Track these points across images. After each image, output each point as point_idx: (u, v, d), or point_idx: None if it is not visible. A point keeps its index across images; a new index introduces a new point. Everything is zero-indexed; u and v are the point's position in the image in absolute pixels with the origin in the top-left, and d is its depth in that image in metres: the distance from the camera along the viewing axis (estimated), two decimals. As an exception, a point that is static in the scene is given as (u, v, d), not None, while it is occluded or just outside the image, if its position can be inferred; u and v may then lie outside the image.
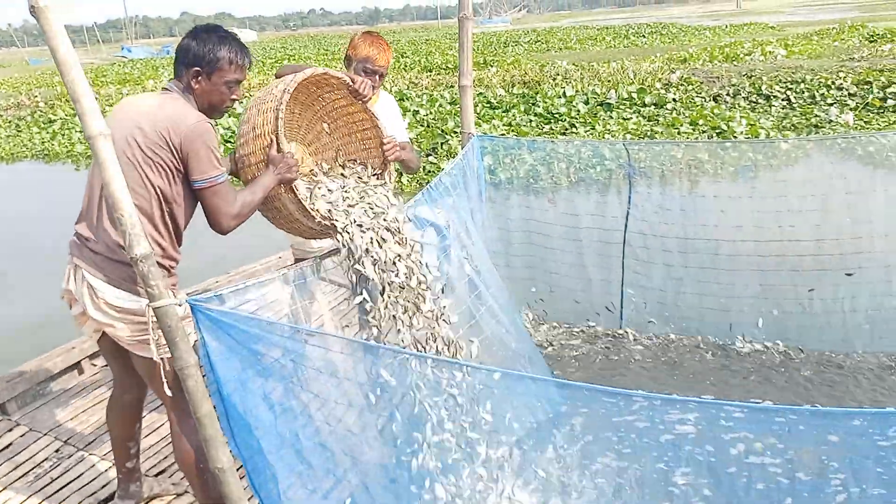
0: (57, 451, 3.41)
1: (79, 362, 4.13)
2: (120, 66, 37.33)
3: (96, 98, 1.80)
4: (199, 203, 2.45)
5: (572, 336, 4.64)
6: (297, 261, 3.37)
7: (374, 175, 2.94)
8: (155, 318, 1.91)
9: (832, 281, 4.15)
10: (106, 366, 4.19)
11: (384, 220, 2.65)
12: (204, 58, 2.43)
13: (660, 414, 1.95)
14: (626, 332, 4.58)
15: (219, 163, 2.37)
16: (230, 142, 11.82)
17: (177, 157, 2.33)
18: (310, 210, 2.54)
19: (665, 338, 4.50)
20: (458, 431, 2.31)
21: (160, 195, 2.35)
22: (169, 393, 2.27)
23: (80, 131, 16.49)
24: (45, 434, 3.55)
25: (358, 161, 2.99)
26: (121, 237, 1.86)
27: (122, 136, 2.27)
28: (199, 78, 2.45)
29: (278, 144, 2.46)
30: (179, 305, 1.91)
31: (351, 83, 2.77)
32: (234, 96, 2.53)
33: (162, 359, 2.15)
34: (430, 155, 10.71)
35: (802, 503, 1.82)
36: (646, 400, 1.94)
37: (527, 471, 2.27)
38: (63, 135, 16.04)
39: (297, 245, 3.47)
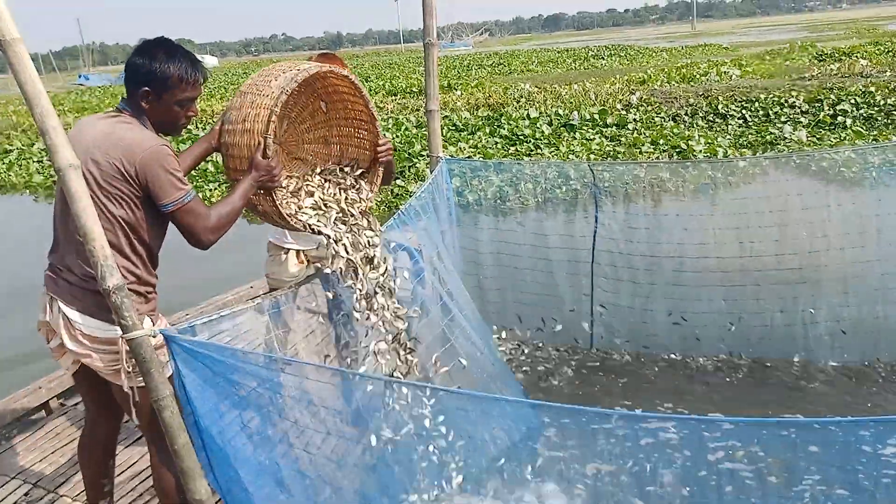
0: (26, 494, 3.31)
1: (46, 402, 4.03)
2: (78, 94, 36.77)
3: (56, 128, 1.78)
4: (168, 224, 2.38)
5: (544, 355, 4.68)
6: (271, 290, 3.37)
7: (360, 174, 2.93)
8: (128, 349, 1.90)
9: (792, 294, 4.27)
10: (75, 405, 4.10)
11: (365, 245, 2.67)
12: (152, 76, 2.30)
13: (632, 430, 1.99)
14: (597, 350, 4.64)
15: (181, 182, 2.28)
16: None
17: (135, 185, 2.24)
18: (287, 217, 2.54)
19: (635, 353, 4.57)
20: (437, 455, 2.32)
21: (124, 225, 2.28)
22: (138, 422, 2.22)
23: (39, 161, 16.16)
24: (14, 477, 3.44)
25: (345, 157, 2.98)
26: (93, 268, 1.85)
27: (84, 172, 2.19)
28: (150, 98, 2.33)
29: (264, 149, 2.40)
30: (153, 336, 1.90)
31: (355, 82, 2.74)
32: (189, 114, 2.43)
33: (132, 388, 2.12)
34: (398, 178, 10.75)
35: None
36: (617, 418, 1.98)
37: (505, 491, 2.29)
38: (20, 165, 15.72)
39: (274, 274, 3.46)
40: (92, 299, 2.27)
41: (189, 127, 16.76)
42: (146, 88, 2.32)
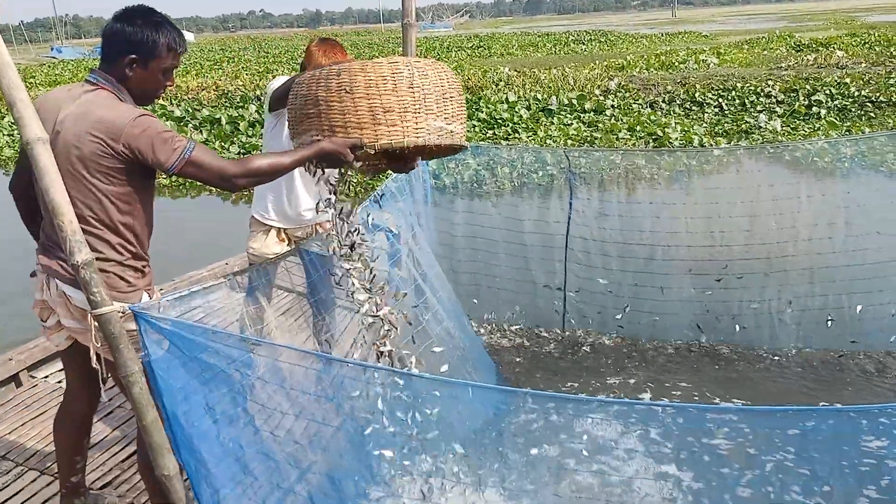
0: (-7, 466, 3.29)
1: (16, 374, 3.98)
2: (50, 66, 35.91)
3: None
4: (153, 197, 2.33)
5: (517, 338, 4.72)
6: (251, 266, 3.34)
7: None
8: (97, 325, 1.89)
9: (760, 284, 4.35)
10: (45, 377, 4.05)
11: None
12: (140, 44, 2.24)
13: (601, 415, 2.02)
14: (569, 334, 4.69)
15: (175, 139, 2.19)
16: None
17: (124, 158, 2.17)
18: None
19: (605, 338, 4.62)
20: (406, 439, 2.34)
21: (115, 201, 2.22)
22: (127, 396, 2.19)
23: (9, 135, 15.75)
24: (-19, 450, 3.42)
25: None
26: (62, 243, 1.82)
27: (60, 151, 2.12)
28: (135, 66, 2.26)
29: (356, 151, 2.30)
30: (122, 313, 1.89)
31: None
32: (168, 84, 2.37)
33: (101, 362, 2.10)
34: (374, 159, 10.71)
35: (735, 493, 1.92)
36: (584, 403, 2.02)
37: (473, 473, 2.31)
38: (-12, 138, 15.37)
39: (254, 251, 3.43)
40: None
41: (161, 101, 16.27)
42: (133, 56, 2.26)
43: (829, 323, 4.26)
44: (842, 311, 4.27)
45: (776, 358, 4.32)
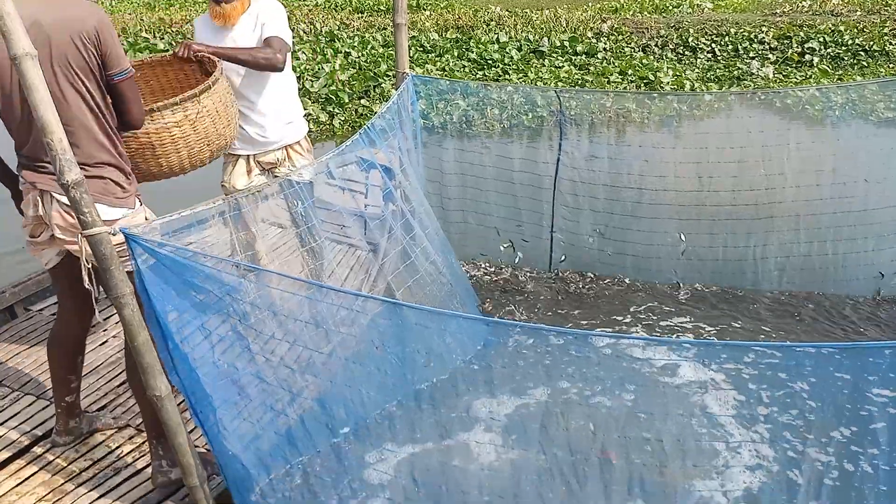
0: (-10, 391, 3.32)
1: (10, 306, 3.99)
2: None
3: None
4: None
5: (504, 276, 4.76)
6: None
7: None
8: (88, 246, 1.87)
9: (745, 229, 4.39)
10: (40, 310, 4.05)
11: None
12: None
13: (580, 348, 2.07)
14: (555, 273, 4.74)
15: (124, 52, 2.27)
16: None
17: (95, 55, 2.18)
18: None
19: (592, 279, 4.68)
20: (395, 367, 2.38)
21: (93, 105, 2.23)
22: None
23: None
24: (-23, 376, 3.44)
25: None
26: (52, 162, 1.78)
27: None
28: None
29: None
30: (113, 234, 1.87)
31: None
32: None
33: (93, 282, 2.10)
34: (363, 98, 10.55)
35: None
36: (567, 335, 2.06)
37: (460, 403, 2.36)
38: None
39: (226, 182, 3.44)
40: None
41: (144, 34, 15.77)
42: None
43: (813, 268, 4.33)
44: (825, 258, 4.33)
45: (757, 300, 4.40)
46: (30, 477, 2.81)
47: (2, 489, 2.74)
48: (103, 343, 3.68)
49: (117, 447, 2.95)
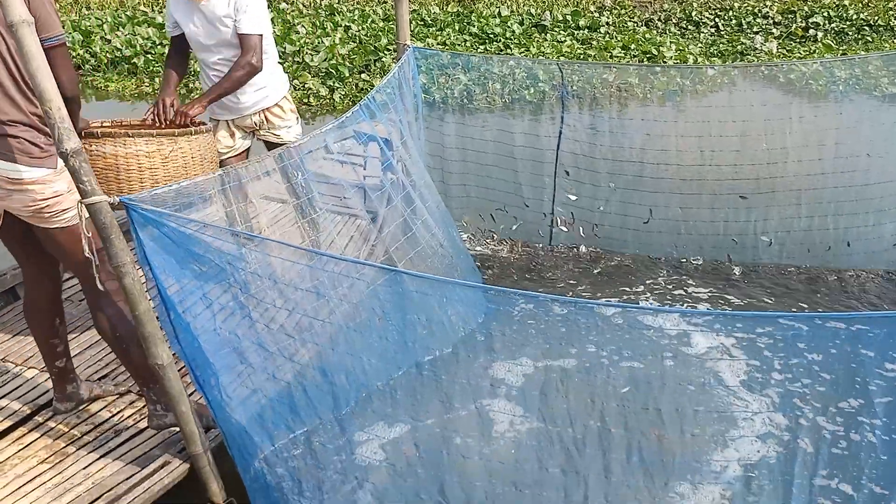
0: (-5, 366, 3.34)
1: (12, 287, 4.00)
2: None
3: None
4: None
5: (504, 249, 4.77)
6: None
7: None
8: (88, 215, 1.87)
9: (746, 204, 4.38)
10: None
11: None
12: None
13: (584, 316, 2.08)
14: (556, 247, 4.74)
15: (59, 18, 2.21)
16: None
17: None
18: None
19: (592, 252, 4.68)
20: (395, 335, 2.39)
21: (15, 64, 2.18)
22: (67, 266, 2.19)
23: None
24: (-18, 353, 3.45)
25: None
26: (50, 129, 1.77)
27: None
28: None
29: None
30: (112, 203, 1.87)
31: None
32: None
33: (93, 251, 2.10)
34: (363, 72, 10.46)
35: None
36: (569, 304, 2.07)
37: (462, 372, 2.38)
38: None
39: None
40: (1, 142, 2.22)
41: (143, 7, 15.63)
42: None
43: (814, 242, 4.33)
44: (826, 232, 4.33)
45: (756, 274, 4.41)
46: (32, 443, 2.84)
47: (4, 455, 2.77)
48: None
49: (118, 412, 2.98)
